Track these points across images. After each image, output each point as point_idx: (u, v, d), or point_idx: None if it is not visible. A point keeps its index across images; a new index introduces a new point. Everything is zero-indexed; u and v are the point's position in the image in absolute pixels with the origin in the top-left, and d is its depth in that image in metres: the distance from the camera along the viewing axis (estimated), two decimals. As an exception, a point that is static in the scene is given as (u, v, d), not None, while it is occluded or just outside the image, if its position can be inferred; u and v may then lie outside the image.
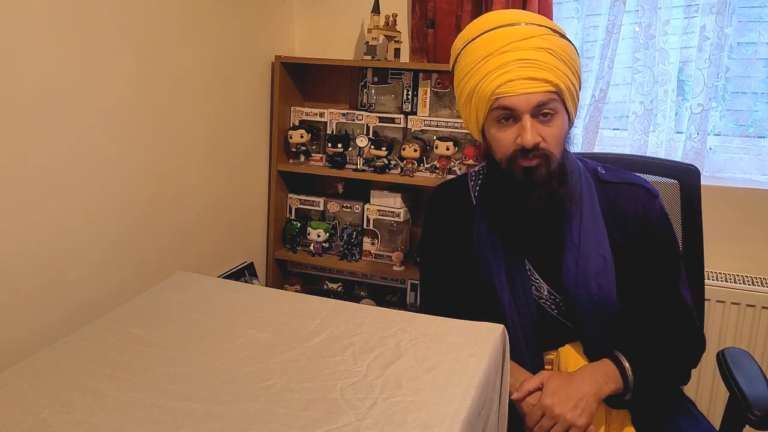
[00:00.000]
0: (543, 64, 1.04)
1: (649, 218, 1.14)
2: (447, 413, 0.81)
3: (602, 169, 1.19)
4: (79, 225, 1.29)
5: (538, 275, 1.15)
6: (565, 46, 1.08)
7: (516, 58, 1.04)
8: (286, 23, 2.09)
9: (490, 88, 1.05)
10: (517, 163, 1.08)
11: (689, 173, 1.34)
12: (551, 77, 1.04)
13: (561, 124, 1.08)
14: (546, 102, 1.04)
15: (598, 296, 1.11)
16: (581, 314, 1.12)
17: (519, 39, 1.05)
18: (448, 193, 1.29)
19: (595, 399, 1.05)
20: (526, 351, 1.15)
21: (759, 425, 1.07)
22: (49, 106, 1.19)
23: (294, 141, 2.00)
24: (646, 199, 1.16)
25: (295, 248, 2.07)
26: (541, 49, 1.04)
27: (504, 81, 1.04)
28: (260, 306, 1.16)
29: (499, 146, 1.11)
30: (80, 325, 1.09)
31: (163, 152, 1.53)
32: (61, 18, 1.19)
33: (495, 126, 1.10)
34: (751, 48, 1.78)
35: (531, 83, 1.03)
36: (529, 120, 1.05)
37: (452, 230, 1.23)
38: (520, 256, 1.15)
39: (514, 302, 1.14)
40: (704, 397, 1.77)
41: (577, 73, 1.11)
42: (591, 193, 1.15)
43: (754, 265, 1.78)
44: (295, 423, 0.80)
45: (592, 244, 1.12)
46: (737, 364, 1.21)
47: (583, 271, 1.11)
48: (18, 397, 0.86)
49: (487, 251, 1.16)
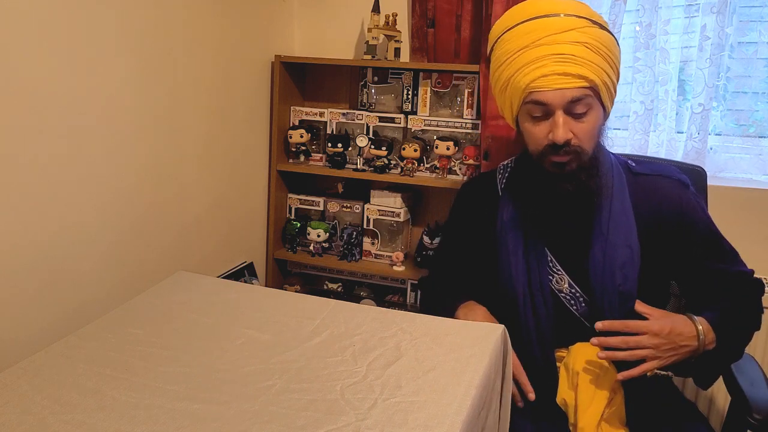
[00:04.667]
0: (579, 59, 1.02)
1: (687, 211, 1.15)
2: (447, 414, 0.81)
3: (633, 162, 1.20)
4: (79, 225, 1.29)
5: (561, 267, 1.15)
6: (604, 37, 1.06)
7: (551, 53, 1.03)
8: (286, 23, 2.09)
9: (524, 81, 1.05)
10: (548, 158, 1.08)
11: (695, 174, 1.34)
12: (586, 73, 1.03)
13: (595, 119, 1.07)
14: (580, 98, 1.04)
15: (623, 287, 1.11)
16: (606, 306, 1.11)
17: (556, 32, 1.03)
18: (475, 187, 1.32)
19: (690, 351, 1.07)
20: (537, 344, 1.14)
21: (759, 429, 1.07)
22: (48, 106, 1.19)
23: (294, 141, 2.00)
24: (680, 190, 1.16)
25: (295, 248, 2.07)
26: (577, 43, 1.03)
27: (538, 75, 1.03)
28: (260, 306, 1.15)
29: (531, 140, 1.11)
30: (80, 325, 1.09)
31: (163, 152, 1.53)
32: (60, 18, 1.19)
33: (528, 120, 1.10)
34: (752, 48, 1.77)
35: (565, 79, 1.03)
36: (561, 116, 1.04)
37: (476, 221, 1.25)
38: (542, 246, 1.15)
39: (530, 292, 1.14)
40: (704, 400, 1.77)
41: (616, 66, 1.09)
42: (622, 184, 1.15)
43: (754, 265, 1.77)
44: (295, 423, 0.80)
45: (620, 234, 1.12)
46: (739, 368, 1.21)
47: (610, 262, 1.11)
48: (18, 397, 0.86)
49: (508, 238, 1.16)
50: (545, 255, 1.15)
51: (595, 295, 1.12)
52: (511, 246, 1.16)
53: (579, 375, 1.10)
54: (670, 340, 1.04)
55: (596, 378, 1.10)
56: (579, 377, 1.10)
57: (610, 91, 1.09)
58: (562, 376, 1.14)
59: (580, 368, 1.10)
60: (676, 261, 1.15)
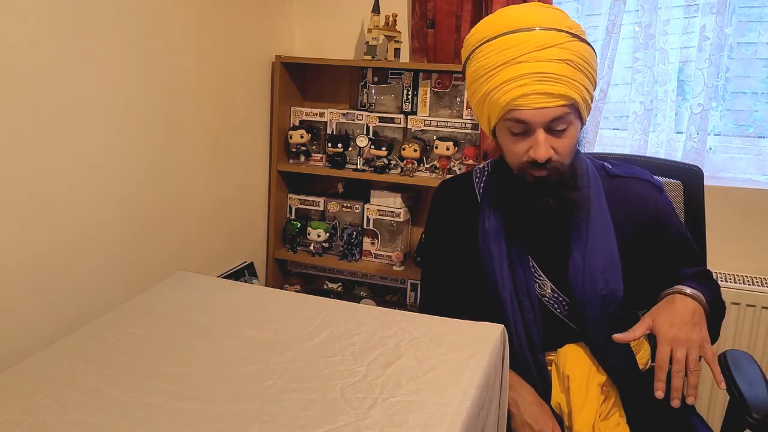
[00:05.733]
0: (560, 77, 1.01)
1: (661, 213, 1.15)
2: (447, 413, 0.81)
3: (609, 164, 1.20)
4: (79, 225, 1.29)
5: (542, 273, 1.15)
6: (584, 51, 1.05)
7: (533, 71, 1.00)
8: (286, 23, 2.09)
9: (505, 99, 1.03)
10: (529, 172, 1.08)
11: (692, 174, 1.34)
12: (568, 92, 1.01)
13: (574, 133, 1.07)
14: (561, 116, 1.03)
15: (605, 291, 1.10)
16: (588, 311, 1.11)
17: (536, 49, 1.01)
18: (452, 190, 1.28)
19: (701, 311, 1.04)
20: (528, 349, 1.14)
21: (758, 429, 1.07)
22: (49, 108, 1.19)
23: (294, 141, 2.00)
24: (654, 194, 1.16)
25: (295, 248, 2.07)
26: (559, 60, 1.01)
27: (519, 95, 1.01)
28: (260, 306, 1.16)
29: (510, 155, 1.10)
30: (80, 325, 1.09)
31: (163, 152, 1.53)
32: (61, 20, 1.19)
33: (508, 137, 1.08)
34: (751, 48, 1.78)
35: (547, 98, 1.01)
36: (542, 134, 1.03)
37: (456, 227, 1.23)
38: (524, 253, 1.15)
39: (517, 299, 1.14)
40: (703, 400, 1.77)
41: (594, 79, 1.08)
42: (598, 189, 1.15)
43: (754, 265, 1.78)
44: (295, 423, 0.80)
45: (599, 239, 1.12)
46: (738, 367, 1.21)
47: (590, 267, 1.11)
48: (18, 397, 0.86)
49: (491, 247, 1.16)
50: (528, 261, 1.15)
51: (576, 299, 1.12)
52: (495, 253, 1.15)
53: (569, 378, 1.11)
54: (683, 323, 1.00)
55: (586, 380, 1.10)
56: (570, 380, 1.10)
57: (588, 105, 1.09)
58: (554, 378, 1.15)
59: (570, 371, 1.11)
60: (647, 264, 1.15)
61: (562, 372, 1.12)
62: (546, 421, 1.07)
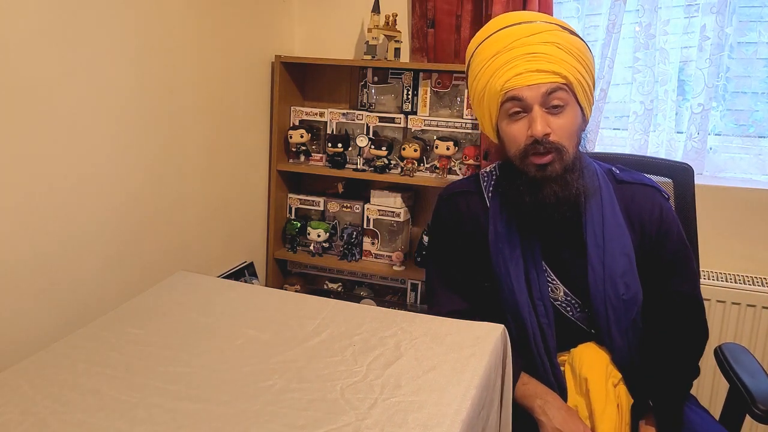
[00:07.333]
0: (550, 56, 1.05)
1: (666, 221, 1.16)
2: (447, 413, 0.81)
3: (617, 169, 1.20)
4: (79, 225, 1.29)
5: (555, 276, 1.15)
6: (575, 41, 1.09)
7: (523, 53, 1.06)
8: (286, 23, 2.09)
9: (499, 83, 1.07)
10: (530, 160, 1.08)
11: (683, 172, 1.35)
12: (559, 69, 1.05)
13: (572, 117, 1.08)
14: (554, 89, 1.05)
15: (627, 296, 1.11)
16: (609, 315, 1.11)
17: (526, 35, 1.07)
18: (460, 195, 1.25)
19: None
20: (544, 353, 1.14)
21: (764, 419, 1.07)
22: (48, 107, 1.19)
23: (294, 141, 2.00)
24: (660, 201, 1.17)
25: (295, 248, 2.07)
26: (547, 43, 1.06)
27: (512, 75, 1.06)
28: (260, 306, 1.16)
29: (511, 141, 1.11)
30: (80, 325, 1.09)
31: (163, 152, 1.53)
32: (59, 19, 1.19)
33: (506, 120, 1.11)
34: (752, 48, 1.77)
35: (539, 75, 1.05)
36: (539, 110, 1.06)
37: (466, 232, 1.22)
38: (538, 256, 1.15)
39: (532, 303, 1.14)
40: (705, 393, 1.78)
41: (589, 68, 1.11)
42: (610, 192, 1.16)
43: (755, 265, 1.78)
44: (295, 423, 0.80)
45: (616, 243, 1.12)
46: (737, 359, 1.23)
47: (610, 272, 1.11)
48: (18, 397, 0.86)
49: (505, 252, 1.16)
50: (542, 264, 1.15)
51: (594, 304, 1.12)
52: (509, 257, 1.15)
53: (587, 380, 1.10)
54: None
55: (605, 381, 1.10)
56: (588, 383, 1.10)
57: (586, 92, 1.10)
58: (569, 380, 1.14)
59: (587, 373, 1.11)
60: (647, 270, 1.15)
61: (578, 374, 1.12)
62: (577, 425, 1.07)
